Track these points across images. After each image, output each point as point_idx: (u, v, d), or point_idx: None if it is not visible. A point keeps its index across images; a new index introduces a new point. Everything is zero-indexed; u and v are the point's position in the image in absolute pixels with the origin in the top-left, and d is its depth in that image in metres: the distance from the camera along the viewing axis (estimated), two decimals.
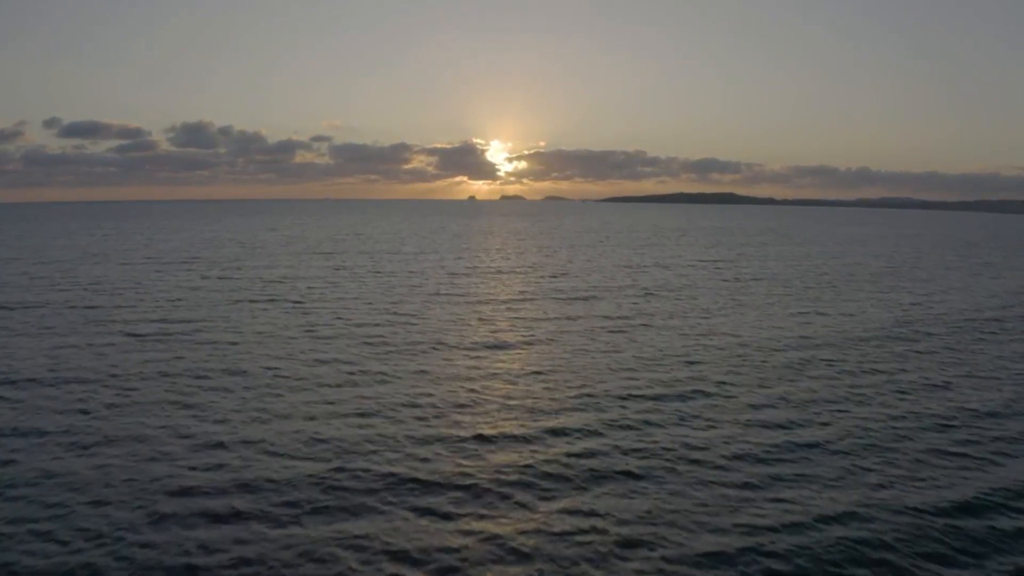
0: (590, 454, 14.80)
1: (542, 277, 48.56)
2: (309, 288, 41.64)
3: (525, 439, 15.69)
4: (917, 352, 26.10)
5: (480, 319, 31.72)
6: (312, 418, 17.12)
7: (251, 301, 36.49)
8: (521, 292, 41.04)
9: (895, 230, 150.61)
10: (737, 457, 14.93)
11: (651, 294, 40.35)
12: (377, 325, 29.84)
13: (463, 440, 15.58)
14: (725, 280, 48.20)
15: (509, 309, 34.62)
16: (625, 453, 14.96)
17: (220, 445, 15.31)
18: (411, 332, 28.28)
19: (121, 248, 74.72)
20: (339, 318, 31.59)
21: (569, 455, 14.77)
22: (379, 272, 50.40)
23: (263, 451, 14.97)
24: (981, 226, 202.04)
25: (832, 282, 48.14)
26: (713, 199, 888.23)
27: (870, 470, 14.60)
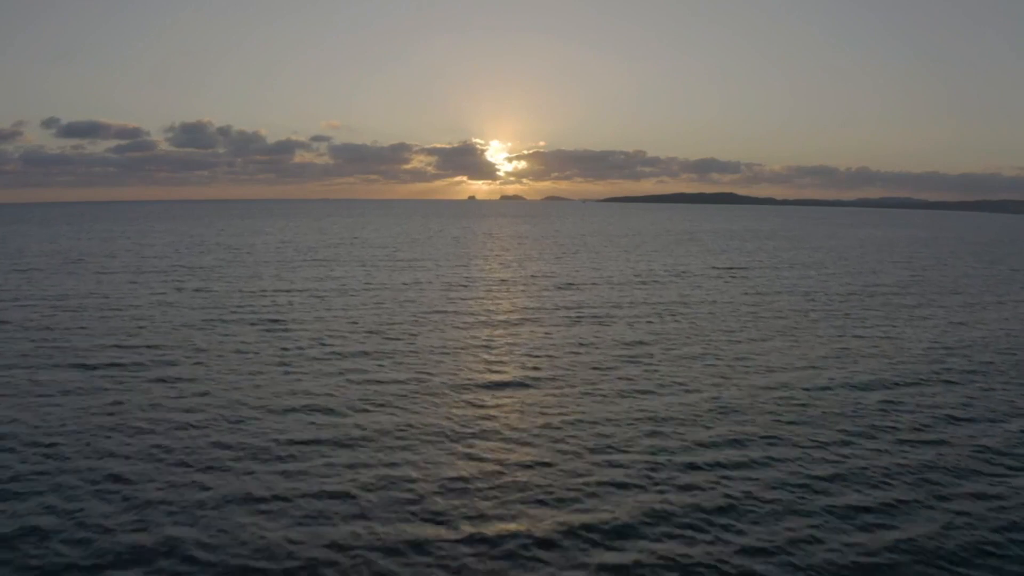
0: (621, 569, 11.18)
1: (546, 290, 44.93)
2: (290, 304, 38.07)
3: (535, 541, 12.03)
4: (983, 391, 22.51)
5: (477, 346, 28.13)
6: (261, 502, 13.51)
7: (223, 320, 32.92)
8: (523, 309, 37.43)
9: (905, 231, 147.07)
10: (816, 571, 11.32)
11: (668, 312, 36.73)
12: (360, 354, 26.26)
13: (452, 544, 11.94)
14: (745, 293, 44.56)
15: (510, 333, 31.00)
16: (667, 564, 11.36)
17: (133, 554, 11.68)
18: (398, 364, 24.69)
19: (102, 253, 71.18)
20: (319, 343, 28.03)
21: (594, 571, 11.15)
22: (369, 284, 46.75)
23: (188, 562, 11.36)
24: (986, 227, 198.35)
25: (857, 294, 44.58)
26: (713, 199, 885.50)
27: None
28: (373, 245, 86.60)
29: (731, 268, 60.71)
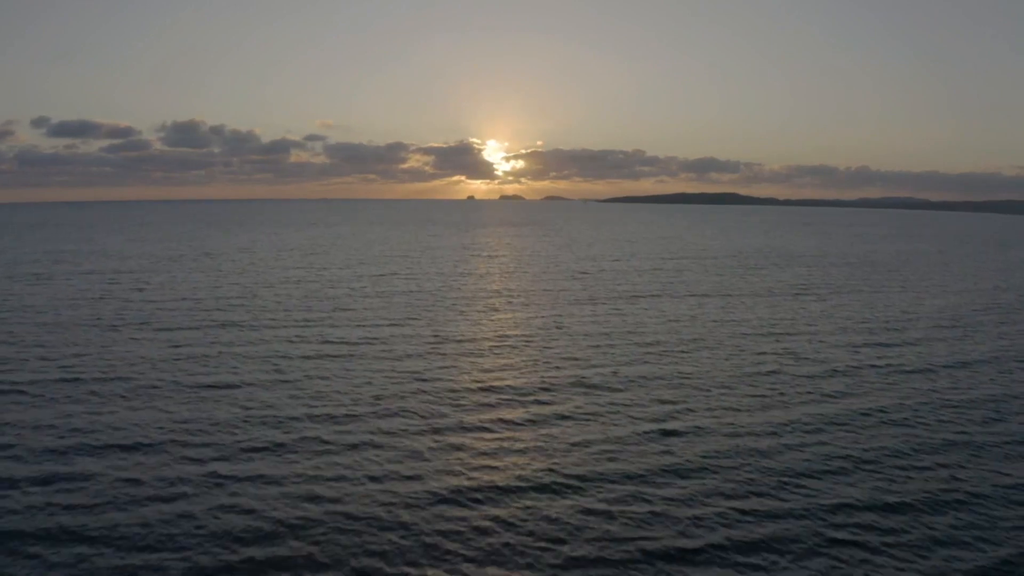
0: None
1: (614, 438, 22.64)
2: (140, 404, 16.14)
3: None
4: None
5: None
6: None
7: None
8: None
9: (980, 247, 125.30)
10: None
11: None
12: None
13: None
14: (965, 424, 22.35)
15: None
16: None
17: None
18: None
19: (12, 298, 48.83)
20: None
21: None
22: (261, 385, 24.61)
23: None
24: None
25: None
26: (715, 199, 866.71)
27: None
28: (335, 274, 64.72)
29: (894, 355, 38.40)
